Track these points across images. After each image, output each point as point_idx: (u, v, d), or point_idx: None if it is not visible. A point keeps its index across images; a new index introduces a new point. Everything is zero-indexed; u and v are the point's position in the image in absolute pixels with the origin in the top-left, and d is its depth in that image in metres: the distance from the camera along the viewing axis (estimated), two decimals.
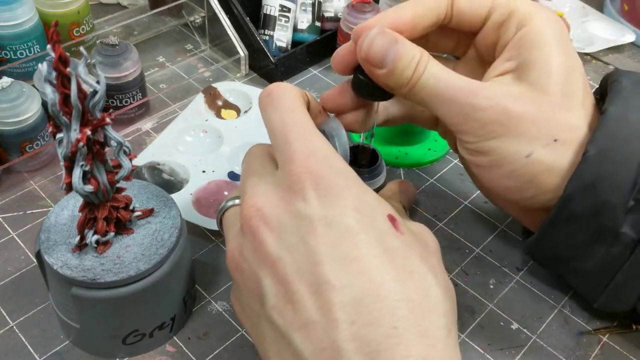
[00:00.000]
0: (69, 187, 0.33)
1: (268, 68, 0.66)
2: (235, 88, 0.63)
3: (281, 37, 0.68)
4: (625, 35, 0.77)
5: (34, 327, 0.44)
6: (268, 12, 0.68)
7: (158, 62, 0.69)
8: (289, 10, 0.68)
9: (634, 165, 0.36)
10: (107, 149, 0.35)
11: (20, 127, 0.52)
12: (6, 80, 0.51)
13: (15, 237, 0.50)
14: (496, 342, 0.44)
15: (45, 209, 0.52)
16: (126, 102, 0.59)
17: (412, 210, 0.54)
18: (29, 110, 0.52)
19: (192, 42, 0.73)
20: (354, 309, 0.28)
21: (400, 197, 0.49)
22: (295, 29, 0.69)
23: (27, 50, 0.58)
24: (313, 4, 0.69)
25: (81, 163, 0.33)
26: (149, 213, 0.39)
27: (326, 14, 0.70)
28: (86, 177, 0.34)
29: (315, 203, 0.30)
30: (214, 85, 0.63)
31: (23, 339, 0.43)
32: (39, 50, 0.59)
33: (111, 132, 0.34)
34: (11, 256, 0.48)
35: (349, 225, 0.30)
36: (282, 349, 0.30)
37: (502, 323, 0.46)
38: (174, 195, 0.51)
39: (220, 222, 0.39)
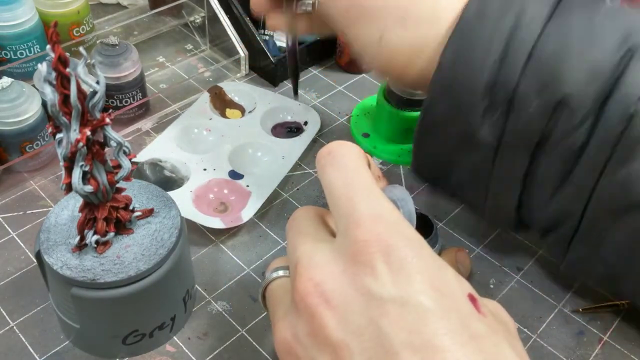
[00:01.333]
0: (69, 188, 0.33)
1: (268, 68, 0.66)
2: (241, 88, 0.63)
3: (281, 37, 0.68)
4: None
5: (34, 327, 0.44)
6: None
7: (158, 62, 0.69)
8: None
9: (489, 64, 0.36)
10: (106, 149, 0.35)
11: (20, 127, 0.52)
12: (6, 80, 0.51)
13: (15, 237, 0.50)
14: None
15: (45, 209, 0.52)
16: (126, 102, 0.59)
17: None
18: (29, 110, 0.52)
19: (192, 42, 0.73)
20: None
21: (459, 268, 0.46)
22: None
23: (27, 50, 0.58)
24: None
25: (81, 163, 0.33)
26: (148, 213, 0.39)
27: None
28: (86, 178, 0.34)
29: (387, 278, 0.26)
30: (220, 84, 0.63)
31: (23, 339, 0.43)
32: (39, 50, 0.59)
33: (111, 132, 0.33)
34: (11, 256, 0.48)
35: (428, 307, 0.25)
36: None
37: None
38: (174, 192, 0.52)
39: (263, 296, 0.34)
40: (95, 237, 0.36)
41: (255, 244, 0.51)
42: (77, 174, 0.33)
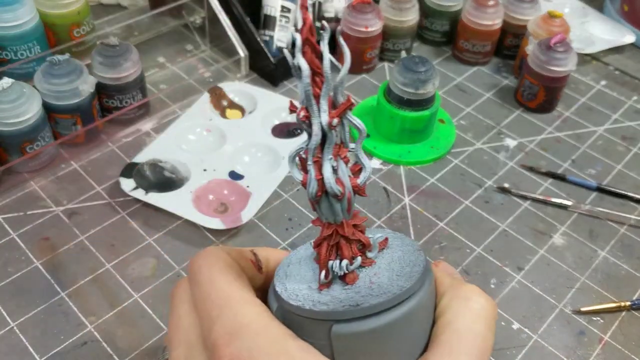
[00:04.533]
0: (321, 185, 0.28)
1: (268, 69, 0.66)
2: (241, 89, 0.64)
3: (281, 37, 0.68)
4: (625, 36, 0.77)
5: (35, 328, 0.44)
6: (268, 13, 0.68)
7: (158, 63, 0.69)
8: (289, 10, 0.68)
9: None
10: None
11: (21, 127, 0.52)
12: (7, 81, 0.51)
13: (15, 237, 0.50)
14: (497, 342, 0.44)
15: (45, 210, 0.52)
16: (126, 102, 0.59)
17: (413, 211, 0.54)
18: (30, 111, 0.52)
19: (192, 42, 0.73)
20: None
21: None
22: (295, 30, 0.69)
23: (27, 51, 0.58)
24: (313, 5, 0.69)
25: (329, 156, 0.27)
26: (386, 243, 0.32)
27: (326, 15, 0.70)
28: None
29: None
30: (220, 85, 0.63)
31: (23, 339, 0.43)
32: (40, 51, 0.59)
33: (353, 118, 0.28)
34: (12, 257, 0.48)
35: None
36: None
37: (503, 323, 0.46)
38: (174, 193, 0.52)
39: None
40: (345, 261, 0.29)
41: (255, 244, 0.51)
42: (328, 168, 0.27)
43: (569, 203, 0.55)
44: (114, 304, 0.46)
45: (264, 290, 0.31)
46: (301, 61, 0.26)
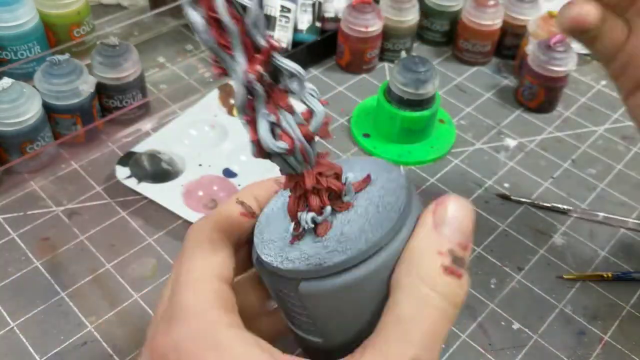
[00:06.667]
0: (259, 147, 0.26)
1: None
2: None
3: (281, 37, 0.68)
4: None
5: (35, 328, 0.44)
6: (268, 13, 0.68)
7: (158, 63, 0.69)
8: (289, 10, 0.68)
9: None
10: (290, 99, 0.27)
11: (21, 127, 0.52)
12: (7, 81, 0.51)
13: (15, 237, 0.50)
14: (497, 342, 0.44)
15: (45, 210, 0.52)
16: (126, 102, 0.59)
17: None
18: (30, 111, 0.52)
19: (192, 42, 0.73)
20: None
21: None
22: (295, 30, 0.69)
23: (27, 51, 0.58)
24: (313, 5, 0.69)
25: (263, 111, 0.25)
26: (366, 182, 0.30)
27: (326, 15, 0.70)
28: (275, 134, 0.26)
29: None
30: (231, 82, 0.63)
31: (24, 339, 0.43)
32: (40, 51, 0.59)
33: (283, 60, 0.25)
34: (12, 257, 0.48)
35: None
36: None
37: (503, 323, 0.46)
38: (164, 185, 0.52)
39: None
40: (310, 214, 0.28)
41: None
42: (262, 125, 0.25)
43: (569, 208, 0.55)
44: (114, 304, 0.46)
45: None
46: (191, 14, 0.23)
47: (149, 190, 0.52)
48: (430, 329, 0.25)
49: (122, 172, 0.53)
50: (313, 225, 0.28)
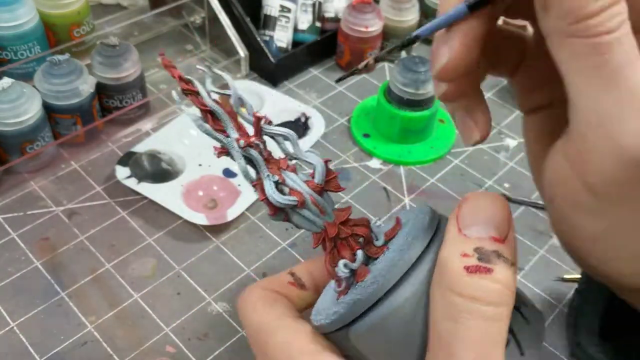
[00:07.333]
0: (270, 205, 0.28)
1: (268, 68, 0.66)
2: (249, 87, 0.64)
3: (281, 37, 0.68)
4: None
5: (35, 328, 0.44)
6: (268, 13, 0.68)
7: (158, 63, 0.69)
8: (289, 10, 0.68)
9: None
10: (294, 161, 0.29)
11: (21, 127, 0.52)
12: (7, 81, 0.51)
13: (15, 237, 0.50)
14: None
15: (45, 210, 0.52)
16: (126, 102, 0.59)
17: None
18: (30, 111, 0.52)
19: (193, 42, 0.73)
20: None
21: None
22: (295, 30, 0.69)
23: (27, 51, 0.58)
24: (313, 5, 0.69)
25: (266, 173, 0.27)
26: (396, 227, 0.30)
27: (326, 15, 0.70)
28: (284, 193, 0.28)
29: None
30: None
31: (24, 339, 0.43)
32: (40, 51, 0.59)
33: (272, 128, 0.28)
34: (12, 257, 0.48)
35: None
36: None
37: None
38: (164, 185, 0.52)
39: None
40: (343, 261, 0.28)
41: (255, 244, 0.51)
42: (267, 185, 0.27)
43: None
44: (114, 304, 0.46)
45: None
46: (186, 111, 0.28)
47: (149, 190, 0.52)
48: (473, 338, 0.22)
49: (122, 172, 0.53)
50: (349, 274, 0.28)
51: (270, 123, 0.28)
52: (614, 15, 0.20)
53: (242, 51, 0.66)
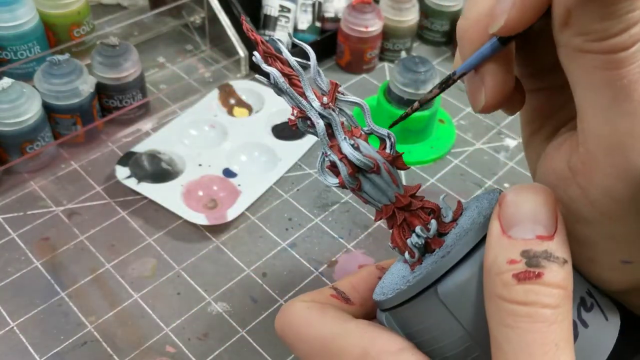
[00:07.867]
0: (349, 163, 0.27)
1: None
2: (251, 87, 0.64)
3: (281, 37, 0.68)
4: None
5: (35, 328, 0.44)
6: (268, 13, 0.68)
7: (158, 63, 0.69)
8: (289, 10, 0.68)
9: None
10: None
11: (21, 127, 0.52)
12: (7, 81, 0.51)
13: (15, 237, 0.50)
14: None
15: (45, 210, 0.52)
16: (126, 102, 0.59)
17: None
18: (30, 111, 0.52)
19: (192, 42, 0.73)
20: None
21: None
22: (295, 30, 0.69)
23: (27, 51, 0.58)
24: (313, 5, 0.69)
25: (342, 135, 0.28)
26: (459, 209, 0.29)
27: (326, 15, 0.70)
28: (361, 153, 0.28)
29: None
30: (230, 82, 0.63)
31: (23, 339, 0.43)
32: (40, 51, 0.59)
33: (347, 96, 0.29)
34: (11, 257, 0.48)
35: None
36: None
37: None
38: (164, 185, 0.52)
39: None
40: (418, 227, 0.28)
41: (255, 244, 0.51)
42: (345, 145, 0.27)
43: None
44: (114, 304, 0.46)
45: (368, 319, 0.30)
46: (269, 69, 0.28)
47: (149, 190, 0.52)
48: (533, 343, 0.21)
49: (122, 172, 0.53)
50: (423, 243, 0.28)
51: (342, 94, 0.29)
52: (633, 34, 0.20)
53: (242, 51, 0.66)
